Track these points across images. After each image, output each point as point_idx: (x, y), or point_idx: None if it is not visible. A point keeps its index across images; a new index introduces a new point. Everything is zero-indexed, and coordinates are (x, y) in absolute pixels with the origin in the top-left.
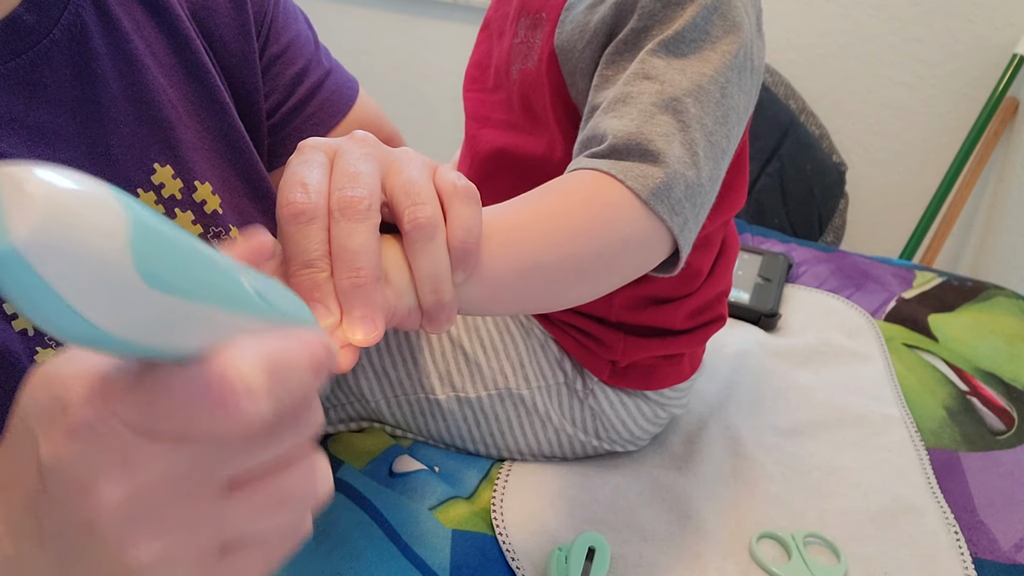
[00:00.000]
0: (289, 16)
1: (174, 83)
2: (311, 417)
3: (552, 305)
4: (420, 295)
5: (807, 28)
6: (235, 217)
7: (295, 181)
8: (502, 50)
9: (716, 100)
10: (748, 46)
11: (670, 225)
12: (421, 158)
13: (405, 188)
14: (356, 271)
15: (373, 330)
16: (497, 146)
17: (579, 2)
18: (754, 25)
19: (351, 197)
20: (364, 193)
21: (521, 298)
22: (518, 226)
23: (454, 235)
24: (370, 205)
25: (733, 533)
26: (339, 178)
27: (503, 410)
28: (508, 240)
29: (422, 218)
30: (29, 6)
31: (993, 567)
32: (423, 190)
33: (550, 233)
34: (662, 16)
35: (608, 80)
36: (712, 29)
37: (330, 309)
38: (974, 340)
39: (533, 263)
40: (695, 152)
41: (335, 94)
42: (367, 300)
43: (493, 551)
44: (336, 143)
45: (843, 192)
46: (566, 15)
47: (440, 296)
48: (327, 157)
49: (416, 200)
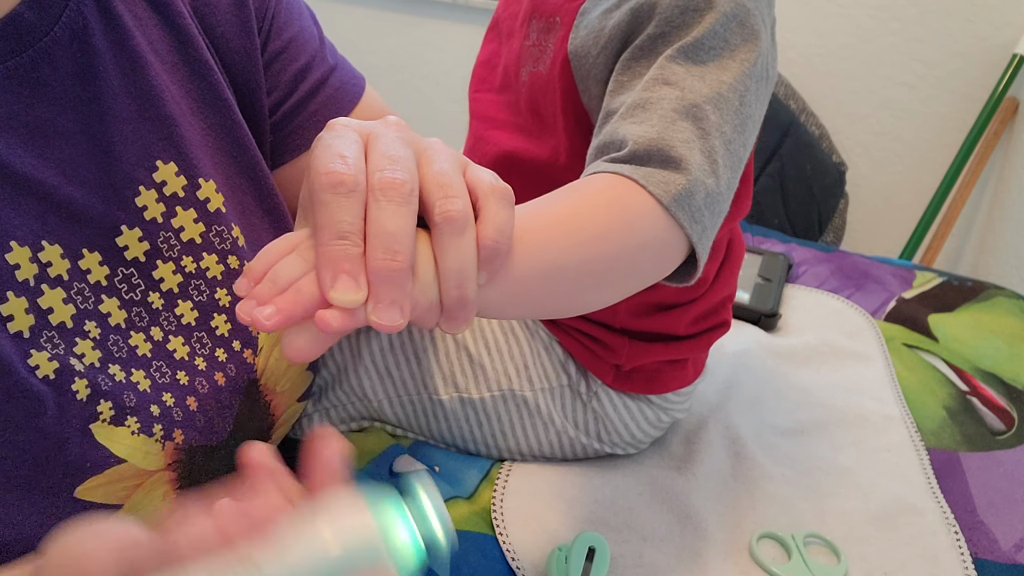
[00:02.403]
0: (292, 12)
1: (177, 80)
2: None
3: (568, 310)
4: (443, 290)
5: (807, 28)
6: (238, 216)
7: (333, 152)
8: (511, 51)
9: (735, 108)
10: (765, 55)
11: (689, 233)
12: (451, 151)
13: (438, 179)
14: (393, 254)
15: (399, 317)
16: (504, 149)
17: (594, 7)
18: (770, 34)
19: (394, 179)
20: (407, 177)
21: (540, 301)
22: (540, 228)
23: (486, 233)
24: (412, 190)
25: (733, 533)
26: (379, 159)
27: (506, 411)
28: (530, 242)
29: (453, 211)
30: (30, 3)
31: (993, 567)
32: (455, 183)
33: (572, 235)
34: (681, 22)
35: (624, 86)
36: (731, 37)
37: (359, 284)
38: (974, 340)
39: (555, 266)
40: (714, 160)
41: (339, 91)
42: (399, 285)
43: (493, 551)
44: (369, 125)
45: (843, 192)
46: (580, 20)
47: (463, 292)
48: (360, 136)
49: (448, 192)
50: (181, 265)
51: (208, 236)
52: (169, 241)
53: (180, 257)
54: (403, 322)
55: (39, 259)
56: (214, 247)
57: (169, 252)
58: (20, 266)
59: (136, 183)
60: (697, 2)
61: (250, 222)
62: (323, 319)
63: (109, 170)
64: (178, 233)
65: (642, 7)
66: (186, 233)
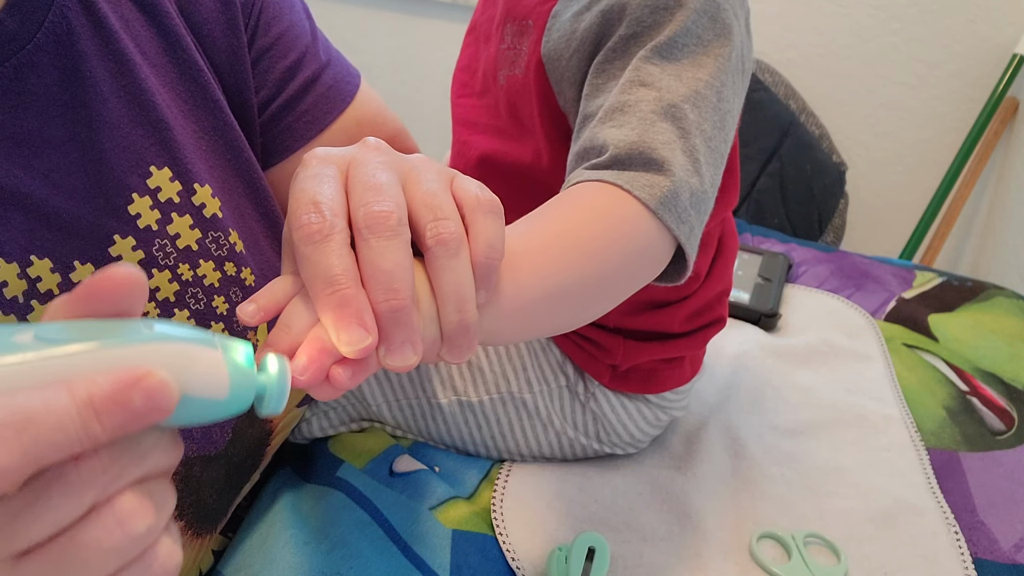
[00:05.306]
0: (282, 6)
1: (167, 82)
2: (103, 467)
3: (570, 326)
4: (442, 316)
5: (807, 28)
6: (235, 220)
7: (306, 200)
8: (489, 55)
9: (713, 105)
10: (739, 48)
11: (677, 234)
12: (437, 166)
13: (426, 201)
14: (394, 292)
15: (412, 355)
16: (486, 152)
17: (565, 9)
18: (744, 27)
19: (378, 212)
20: (392, 206)
21: (544, 323)
22: (538, 251)
23: (477, 250)
24: (400, 219)
25: (733, 533)
26: (361, 192)
27: (505, 414)
28: (531, 267)
29: (445, 233)
30: (10, 10)
31: (993, 567)
32: (444, 204)
33: (570, 253)
34: (652, 22)
35: (599, 89)
36: (704, 33)
37: (367, 327)
38: (974, 340)
39: (558, 288)
40: (696, 159)
41: (332, 89)
42: (407, 324)
43: (493, 551)
44: (348, 152)
45: (843, 192)
46: (553, 23)
47: (464, 316)
48: (338, 169)
49: (438, 215)
50: (177, 273)
51: (205, 242)
52: (165, 249)
53: (176, 265)
54: (416, 359)
55: (27, 275)
56: (211, 254)
57: (164, 260)
58: (8, 283)
59: (129, 190)
60: (667, 1)
61: (248, 226)
62: (336, 377)
63: (100, 178)
64: (174, 240)
65: (612, 9)
66: (182, 240)
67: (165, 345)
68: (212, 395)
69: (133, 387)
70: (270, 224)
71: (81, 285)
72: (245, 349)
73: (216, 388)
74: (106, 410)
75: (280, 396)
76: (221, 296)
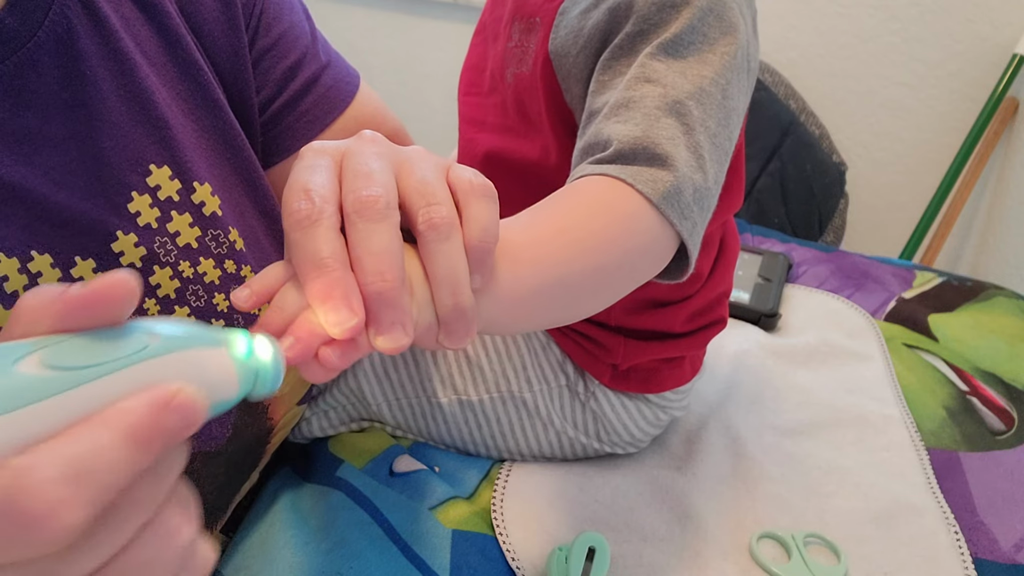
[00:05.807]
0: (283, 7)
1: (167, 82)
2: (148, 490)
3: (570, 319)
4: (437, 301)
5: (807, 28)
6: (235, 219)
7: (297, 188)
8: (497, 53)
9: (718, 102)
10: (745, 47)
11: (679, 229)
12: (433, 157)
13: (418, 188)
14: (381, 275)
15: (403, 337)
16: (492, 149)
17: (573, 7)
18: (750, 26)
19: (367, 196)
20: (380, 191)
21: (544, 315)
22: (541, 242)
23: (471, 234)
24: (388, 203)
25: (733, 533)
26: (351, 179)
27: (505, 413)
28: (532, 258)
29: (437, 218)
30: (11, 9)
31: (993, 567)
32: (437, 190)
33: (572, 246)
34: (658, 20)
35: (605, 85)
36: (709, 31)
37: (353, 309)
38: (974, 340)
39: (559, 279)
40: (700, 155)
41: (332, 89)
42: (396, 305)
43: (493, 551)
44: (343, 144)
45: (843, 192)
46: (560, 20)
47: (458, 300)
48: (332, 160)
49: (430, 200)
50: (179, 270)
51: (204, 240)
52: (166, 246)
53: (177, 262)
54: (407, 341)
55: (28, 269)
56: (211, 251)
57: (166, 257)
58: (8, 278)
59: (129, 188)
60: None
61: (248, 224)
62: (325, 357)
63: (100, 176)
64: (174, 238)
65: (619, 6)
66: (182, 238)
67: (177, 356)
68: (225, 396)
69: (166, 409)
70: (270, 222)
71: (73, 295)
72: (243, 340)
73: (228, 389)
74: (147, 439)
75: (273, 378)
76: (221, 293)
